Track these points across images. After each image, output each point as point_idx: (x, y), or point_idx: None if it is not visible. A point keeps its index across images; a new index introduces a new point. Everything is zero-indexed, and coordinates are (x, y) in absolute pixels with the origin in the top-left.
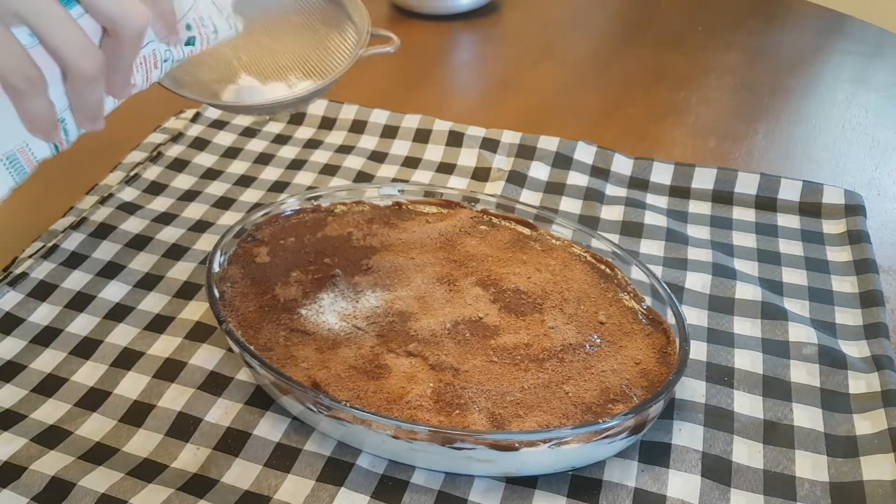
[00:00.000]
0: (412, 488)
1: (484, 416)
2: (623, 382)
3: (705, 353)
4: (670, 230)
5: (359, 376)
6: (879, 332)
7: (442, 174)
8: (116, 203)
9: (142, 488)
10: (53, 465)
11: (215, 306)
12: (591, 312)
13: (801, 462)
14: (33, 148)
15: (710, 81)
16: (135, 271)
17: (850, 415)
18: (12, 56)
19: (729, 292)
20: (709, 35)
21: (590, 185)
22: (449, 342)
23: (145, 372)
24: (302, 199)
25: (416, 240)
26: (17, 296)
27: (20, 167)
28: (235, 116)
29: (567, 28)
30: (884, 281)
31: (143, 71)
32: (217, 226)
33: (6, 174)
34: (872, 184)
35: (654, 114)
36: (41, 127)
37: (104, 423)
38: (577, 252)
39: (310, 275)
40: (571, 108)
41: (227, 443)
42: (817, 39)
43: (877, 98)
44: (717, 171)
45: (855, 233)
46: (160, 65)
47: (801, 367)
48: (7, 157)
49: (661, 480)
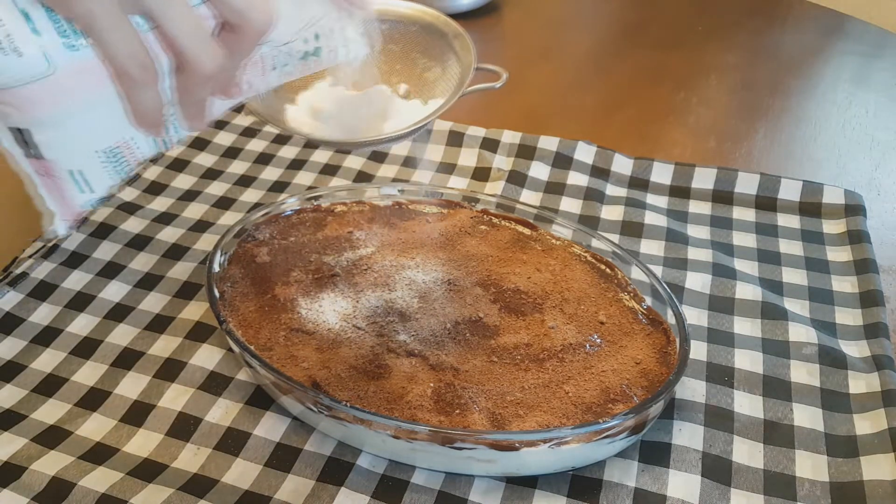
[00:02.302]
0: (412, 488)
1: (484, 416)
2: (623, 382)
3: (705, 353)
4: (670, 230)
5: (359, 376)
6: (879, 332)
7: (442, 174)
8: (116, 203)
9: (142, 488)
10: (53, 465)
11: (215, 306)
12: (592, 312)
13: (801, 462)
14: (139, 143)
15: (710, 81)
16: (135, 271)
17: (851, 415)
18: (130, 43)
19: (729, 292)
20: (709, 35)
21: (590, 185)
22: (449, 342)
23: (145, 372)
24: (302, 199)
25: (416, 240)
26: (17, 296)
27: (123, 163)
28: (236, 116)
29: (567, 28)
30: (884, 281)
31: (258, 72)
32: (217, 226)
33: (106, 171)
34: (872, 184)
35: (654, 114)
36: (150, 120)
37: (104, 423)
38: (577, 252)
39: (310, 275)
40: (571, 108)
41: (227, 443)
42: (817, 39)
43: (877, 98)
44: (717, 171)
45: (855, 233)
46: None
47: (801, 367)
48: (108, 153)
49: (661, 480)
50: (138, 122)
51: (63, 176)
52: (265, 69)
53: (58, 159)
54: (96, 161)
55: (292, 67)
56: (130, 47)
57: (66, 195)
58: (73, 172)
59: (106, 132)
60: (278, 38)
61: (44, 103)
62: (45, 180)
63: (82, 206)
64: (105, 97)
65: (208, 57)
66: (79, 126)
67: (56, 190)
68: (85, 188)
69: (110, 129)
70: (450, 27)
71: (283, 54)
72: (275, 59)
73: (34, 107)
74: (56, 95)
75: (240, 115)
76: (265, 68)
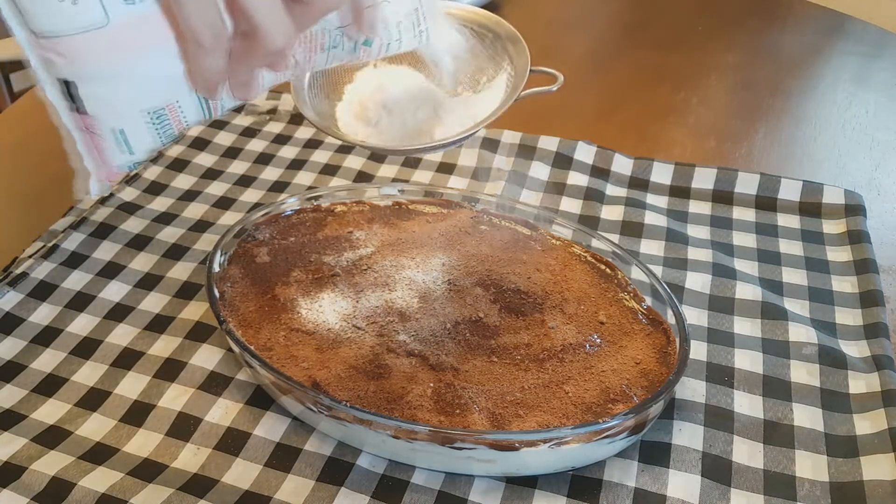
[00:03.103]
0: (412, 488)
1: (484, 416)
2: (623, 382)
3: (705, 353)
4: (670, 230)
5: (359, 376)
6: (879, 332)
7: (442, 174)
8: (116, 203)
9: (142, 488)
10: (53, 465)
11: (215, 306)
12: (592, 312)
13: (801, 462)
14: (185, 108)
15: (710, 81)
16: (135, 271)
17: (850, 415)
18: (209, 13)
19: (729, 292)
20: (709, 35)
21: (590, 185)
22: (449, 342)
23: (145, 372)
24: (302, 199)
25: (416, 240)
26: (17, 296)
27: (167, 126)
28: (236, 116)
29: (567, 28)
30: (884, 281)
31: (306, 50)
32: (217, 226)
33: (149, 133)
34: (872, 184)
35: (654, 114)
36: (210, 84)
37: (104, 423)
38: (577, 252)
39: (310, 275)
40: (571, 108)
41: (227, 443)
42: (817, 39)
43: (877, 98)
44: (717, 171)
45: (855, 233)
46: (326, 49)
47: (801, 367)
48: (154, 114)
49: (661, 480)
50: (197, 84)
51: (105, 134)
52: (315, 48)
53: (102, 116)
54: (141, 122)
55: (341, 51)
56: (207, 14)
57: (105, 154)
58: (115, 131)
59: (155, 93)
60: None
61: (95, 56)
62: (85, 137)
63: (120, 167)
64: (160, 56)
65: (280, 30)
66: (127, 84)
67: (95, 148)
68: (125, 148)
69: (160, 90)
70: (502, 28)
71: (336, 37)
72: (326, 39)
73: (84, 58)
74: (108, 48)
75: (240, 115)
76: (315, 47)
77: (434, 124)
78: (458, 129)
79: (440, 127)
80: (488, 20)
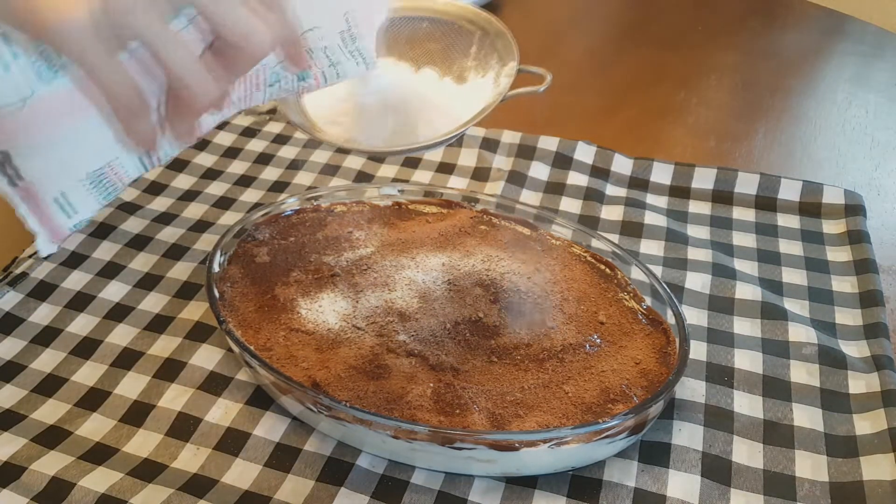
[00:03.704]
0: (412, 488)
1: (484, 416)
2: (623, 382)
3: (705, 353)
4: (670, 230)
5: (359, 376)
6: (879, 332)
7: (442, 174)
8: (116, 203)
9: (142, 488)
10: (53, 465)
11: (215, 306)
12: (591, 312)
13: (801, 462)
14: (124, 164)
15: (710, 81)
16: (135, 271)
17: (850, 415)
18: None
19: (729, 292)
20: (709, 35)
21: (590, 185)
22: (449, 342)
23: (145, 372)
24: (302, 199)
25: (416, 240)
26: (17, 296)
27: (109, 185)
28: (236, 116)
29: (567, 28)
30: (884, 281)
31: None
32: (217, 226)
33: (91, 194)
34: (872, 184)
35: (654, 114)
36: (144, 140)
37: (104, 423)
38: (577, 252)
39: (310, 275)
40: (571, 108)
41: (227, 443)
42: (817, 39)
43: (877, 98)
44: (717, 171)
45: (855, 233)
46: (263, 87)
47: (801, 367)
48: (92, 176)
49: (661, 480)
50: (136, 143)
51: (46, 200)
52: (259, 84)
53: (39, 184)
54: (81, 186)
55: (286, 84)
56: (128, 83)
57: (51, 219)
58: (57, 198)
59: (89, 156)
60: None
61: (23, 129)
62: (29, 203)
63: (69, 228)
64: (88, 122)
65: (211, 86)
66: (60, 151)
67: (40, 213)
68: (70, 212)
69: (93, 152)
70: (492, 25)
71: (277, 73)
72: (265, 76)
73: (13, 132)
74: (35, 121)
75: (240, 115)
76: (259, 84)
77: (416, 125)
78: (444, 130)
79: (424, 127)
80: (477, 17)
